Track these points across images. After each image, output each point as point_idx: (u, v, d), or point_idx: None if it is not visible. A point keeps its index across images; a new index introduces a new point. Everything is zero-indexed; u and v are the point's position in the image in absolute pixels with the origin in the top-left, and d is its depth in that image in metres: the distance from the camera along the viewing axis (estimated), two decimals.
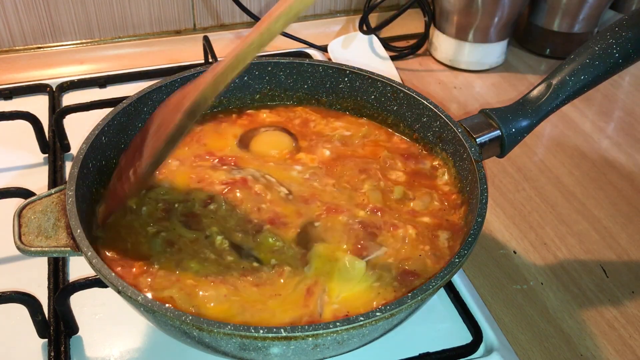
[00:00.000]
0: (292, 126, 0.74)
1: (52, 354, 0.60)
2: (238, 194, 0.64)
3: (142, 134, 0.60)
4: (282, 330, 0.47)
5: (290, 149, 0.71)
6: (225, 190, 0.64)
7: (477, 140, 0.64)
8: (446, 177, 0.68)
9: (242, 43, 0.51)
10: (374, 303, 0.55)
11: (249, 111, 0.76)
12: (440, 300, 0.68)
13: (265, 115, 0.76)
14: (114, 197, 0.61)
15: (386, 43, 1.11)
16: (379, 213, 0.63)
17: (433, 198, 0.66)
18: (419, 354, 0.61)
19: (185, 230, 0.61)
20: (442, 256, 0.60)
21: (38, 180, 0.80)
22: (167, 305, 0.52)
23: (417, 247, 0.60)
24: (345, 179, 0.67)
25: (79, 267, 0.69)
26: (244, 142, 0.72)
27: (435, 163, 0.70)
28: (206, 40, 0.98)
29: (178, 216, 0.62)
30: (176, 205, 0.63)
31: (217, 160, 0.68)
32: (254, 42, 0.51)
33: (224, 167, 0.67)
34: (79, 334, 0.63)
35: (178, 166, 0.67)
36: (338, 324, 0.47)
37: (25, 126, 0.84)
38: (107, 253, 0.58)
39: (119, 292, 0.49)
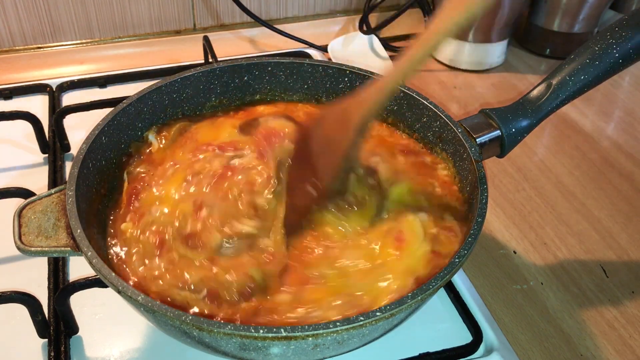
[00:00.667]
0: (296, 116, 0.73)
1: (52, 354, 0.60)
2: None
3: (302, 154, 0.63)
4: (282, 330, 0.47)
5: None
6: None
7: (477, 140, 0.64)
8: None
9: (411, 50, 0.54)
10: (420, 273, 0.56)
11: (247, 108, 0.76)
12: (440, 300, 0.68)
13: (263, 108, 0.75)
14: (296, 210, 0.62)
15: (386, 43, 1.11)
16: None
17: None
18: (419, 354, 0.62)
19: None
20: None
21: (38, 180, 0.80)
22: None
23: None
24: None
25: (79, 267, 0.69)
26: (246, 130, 0.70)
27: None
28: (206, 40, 0.98)
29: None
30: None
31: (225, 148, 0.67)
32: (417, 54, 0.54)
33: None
34: (79, 334, 0.63)
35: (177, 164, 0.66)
36: (338, 323, 0.47)
37: (25, 126, 0.84)
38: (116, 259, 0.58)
39: (119, 292, 0.49)
